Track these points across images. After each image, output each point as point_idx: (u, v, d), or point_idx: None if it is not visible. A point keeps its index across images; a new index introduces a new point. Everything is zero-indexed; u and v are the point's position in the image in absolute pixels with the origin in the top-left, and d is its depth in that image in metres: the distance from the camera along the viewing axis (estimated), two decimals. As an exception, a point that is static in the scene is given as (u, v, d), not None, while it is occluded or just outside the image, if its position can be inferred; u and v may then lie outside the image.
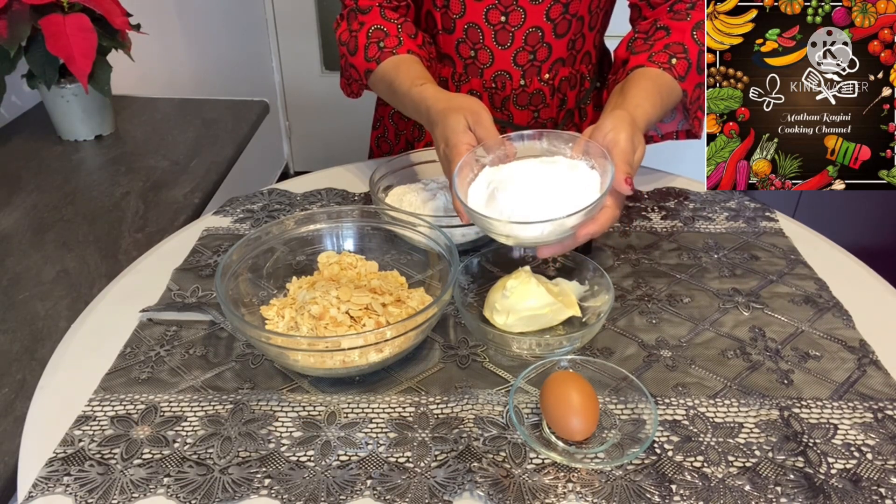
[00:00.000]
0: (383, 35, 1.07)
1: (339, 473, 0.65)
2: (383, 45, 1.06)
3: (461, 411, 0.72)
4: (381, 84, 1.07)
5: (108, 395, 0.74)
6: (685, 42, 1.00)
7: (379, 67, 1.06)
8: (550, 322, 0.82)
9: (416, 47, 1.08)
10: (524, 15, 1.10)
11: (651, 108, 0.91)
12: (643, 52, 1.01)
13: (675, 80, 0.97)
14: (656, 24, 1.05)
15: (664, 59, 0.98)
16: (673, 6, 1.07)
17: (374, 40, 1.07)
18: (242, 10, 2.89)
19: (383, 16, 1.09)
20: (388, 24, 1.08)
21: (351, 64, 1.10)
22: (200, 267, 0.94)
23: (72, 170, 1.37)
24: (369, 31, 1.08)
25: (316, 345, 0.72)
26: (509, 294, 0.80)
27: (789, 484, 0.64)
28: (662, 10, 1.07)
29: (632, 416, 0.71)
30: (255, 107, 1.71)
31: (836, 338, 0.81)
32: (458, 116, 0.85)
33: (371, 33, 1.08)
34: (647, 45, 1.03)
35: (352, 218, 0.92)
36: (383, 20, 1.08)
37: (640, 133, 0.83)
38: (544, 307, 0.80)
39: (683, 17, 1.04)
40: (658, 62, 0.98)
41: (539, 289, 0.80)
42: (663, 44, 1.00)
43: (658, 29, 1.04)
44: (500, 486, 0.63)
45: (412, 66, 1.03)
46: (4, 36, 1.26)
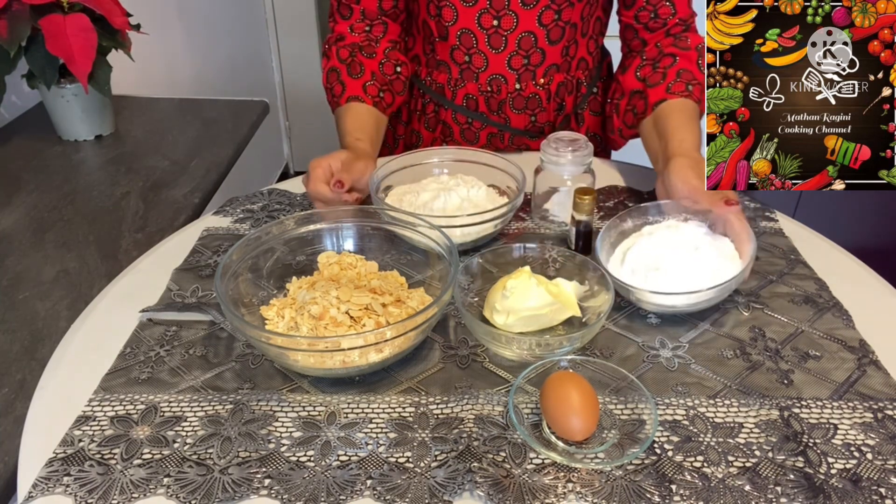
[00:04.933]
0: (335, 79, 1.16)
1: (339, 473, 0.65)
2: (333, 93, 1.16)
3: (461, 411, 0.72)
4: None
5: (108, 395, 0.74)
6: (692, 70, 1.08)
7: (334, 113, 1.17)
8: (550, 322, 0.82)
9: (359, 89, 1.14)
10: (516, 19, 1.11)
11: (692, 135, 1.01)
12: (659, 84, 1.08)
13: (695, 104, 1.06)
14: (662, 51, 1.11)
15: (681, 88, 1.06)
16: (669, 30, 1.13)
17: (330, 85, 1.17)
18: (242, 10, 2.89)
19: (338, 56, 1.17)
20: (340, 66, 1.16)
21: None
22: (200, 267, 0.94)
23: (72, 170, 1.37)
24: (328, 73, 1.18)
25: (316, 345, 0.72)
26: (509, 294, 0.80)
27: (789, 484, 0.64)
28: (660, 34, 1.14)
29: (632, 417, 0.71)
30: (255, 107, 1.71)
31: (835, 338, 0.81)
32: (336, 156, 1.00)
33: (329, 77, 1.18)
34: (657, 73, 1.10)
35: (352, 218, 0.92)
36: (338, 61, 1.17)
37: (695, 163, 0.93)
38: (544, 307, 0.80)
39: (685, 42, 1.11)
40: (677, 91, 1.06)
41: (539, 289, 0.80)
42: (675, 71, 1.08)
43: (665, 56, 1.11)
44: (501, 487, 0.63)
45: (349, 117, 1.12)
46: (4, 36, 1.26)
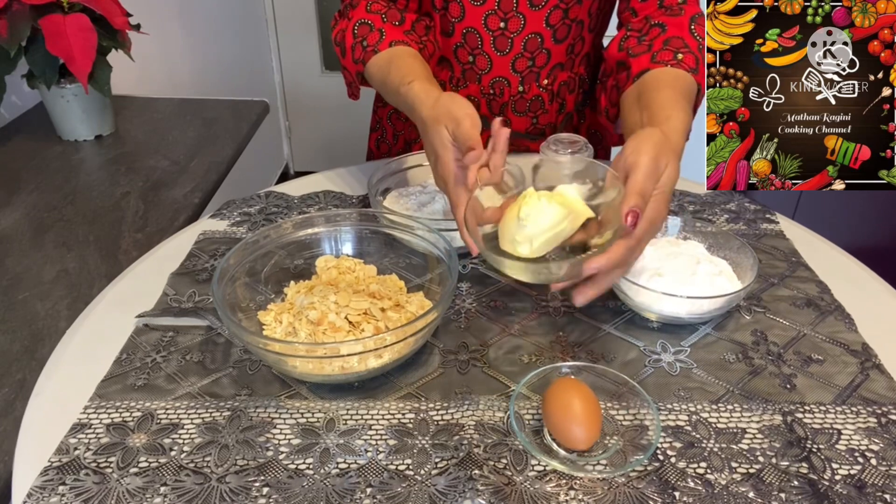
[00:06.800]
0: (367, 30, 1.03)
1: (338, 481, 0.65)
2: (366, 43, 1.02)
3: (461, 417, 0.71)
4: (375, 83, 1.04)
5: (103, 402, 0.73)
6: (684, 37, 0.95)
7: (367, 67, 1.03)
8: (571, 232, 0.77)
9: (401, 34, 1.03)
10: (523, 21, 1.09)
11: (683, 114, 0.84)
12: (643, 54, 0.95)
13: (688, 73, 0.91)
14: (649, 21, 1.00)
15: (668, 57, 0.92)
16: (663, 2, 1.02)
17: (359, 39, 1.04)
18: (242, 10, 2.88)
19: (368, 9, 1.06)
20: (372, 17, 1.05)
21: (343, 66, 1.09)
22: (197, 271, 0.94)
23: (72, 170, 1.37)
24: (354, 27, 1.05)
25: (314, 351, 0.72)
26: (526, 222, 0.75)
27: (793, 490, 0.63)
28: (653, 5, 1.03)
29: (634, 423, 0.70)
30: (255, 107, 1.71)
31: (838, 341, 0.80)
32: (439, 128, 0.82)
33: (357, 30, 1.04)
34: (643, 44, 0.97)
35: (350, 221, 0.91)
36: (367, 13, 1.05)
37: (670, 151, 0.75)
38: (562, 221, 0.76)
39: (677, 13, 0.99)
40: (663, 60, 0.92)
41: (551, 205, 0.76)
42: (662, 40, 0.95)
43: (653, 26, 0.99)
44: (502, 494, 0.63)
45: (399, 62, 0.98)
46: (4, 36, 1.25)
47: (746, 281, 0.82)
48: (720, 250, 0.89)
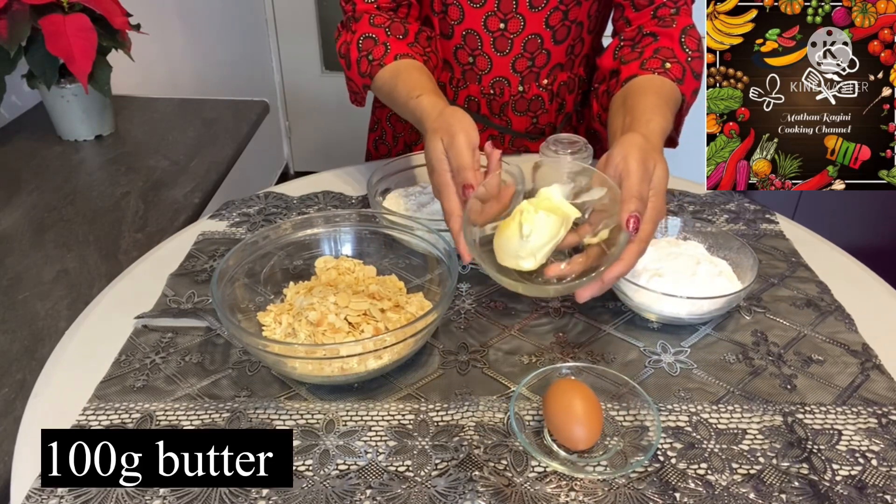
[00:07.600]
0: (372, 44, 1.04)
1: (337, 483, 0.64)
2: (372, 57, 1.03)
3: (461, 418, 0.71)
4: (382, 95, 1.05)
5: (102, 403, 0.73)
6: (674, 48, 0.99)
7: (374, 81, 1.04)
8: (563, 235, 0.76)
9: (405, 47, 1.04)
10: (523, 22, 1.09)
11: (662, 119, 0.86)
12: (634, 61, 0.98)
13: (673, 83, 0.95)
14: (642, 30, 1.04)
15: (657, 65, 0.96)
16: (657, 11, 1.05)
17: (364, 53, 1.04)
18: (242, 10, 2.88)
19: (371, 22, 1.06)
20: (376, 30, 1.05)
21: (349, 77, 1.09)
22: (196, 272, 0.93)
23: (72, 170, 1.37)
24: (359, 41, 1.05)
25: (314, 352, 0.72)
26: (531, 237, 0.74)
27: (794, 491, 0.63)
28: (646, 15, 1.05)
29: (634, 423, 0.70)
30: (255, 107, 1.71)
31: (838, 342, 0.80)
32: (435, 140, 0.82)
33: (361, 44, 1.05)
34: (635, 52, 1.01)
35: (349, 222, 0.91)
36: (371, 27, 1.05)
37: (655, 152, 0.77)
38: (559, 228, 0.75)
39: (669, 24, 1.02)
40: (651, 68, 0.95)
41: (548, 217, 0.75)
42: (653, 49, 0.99)
43: (645, 35, 1.03)
44: (502, 496, 0.63)
45: (406, 76, 0.99)
46: (4, 36, 1.25)
47: (746, 281, 0.82)
48: (720, 251, 0.89)
